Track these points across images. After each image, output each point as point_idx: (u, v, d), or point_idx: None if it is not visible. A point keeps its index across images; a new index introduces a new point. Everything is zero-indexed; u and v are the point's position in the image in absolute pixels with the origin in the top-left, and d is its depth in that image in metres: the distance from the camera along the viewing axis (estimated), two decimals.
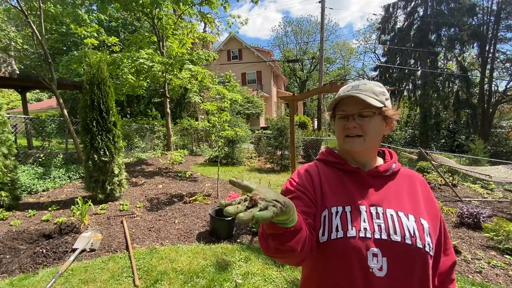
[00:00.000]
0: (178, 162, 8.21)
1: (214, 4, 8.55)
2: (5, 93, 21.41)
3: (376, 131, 0.81)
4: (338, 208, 0.78)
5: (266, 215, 0.45)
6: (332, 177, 0.86)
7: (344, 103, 0.83)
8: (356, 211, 0.76)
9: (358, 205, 0.77)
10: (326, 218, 0.77)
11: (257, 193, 0.51)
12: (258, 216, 0.44)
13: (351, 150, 0.83)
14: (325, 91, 3.53)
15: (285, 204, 0.51)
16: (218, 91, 8.87)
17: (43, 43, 6.10)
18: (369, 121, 0.79)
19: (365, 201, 0.78)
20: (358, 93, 0.78)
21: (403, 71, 21.46)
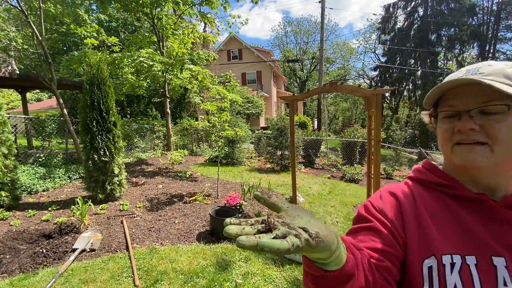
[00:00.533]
0: (178, 162, 8.21)
1: (214, 4, 8.55)
2: (5, 93, 21.41)
3: (511, 135, 0.51)
4: (453, 257, 0.52)
5: (277, 246, 0.34)
6: (436, 206, 0.60)
7: (454, 95, 0.56)
8: (488, 266, 0.50)
9: (490, 255, 0.51)
10: (435, 271, 0.52)
11: (284, 215, 0.42)
12: (263, 245, 0.33)
13: (467, 165, 0.55)
14: (325, 91, 3.53)
15: (317, 236, 0.38)
16: (218, 91, 8.87)
17: (43, 43, 6.10)
18: (499, 120, 0.51)
19: (502, 248, 0.51)
20: (481, 78, 0.51)
21: (403, 71, 21.48)
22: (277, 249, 0.34)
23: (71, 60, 7.17)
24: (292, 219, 0.41)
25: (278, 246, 0.34)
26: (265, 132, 13.18)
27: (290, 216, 0.42)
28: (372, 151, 3.54)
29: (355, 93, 3.53)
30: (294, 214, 0.42)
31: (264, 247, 0.33)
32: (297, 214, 0.42)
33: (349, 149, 9.90)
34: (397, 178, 8.07)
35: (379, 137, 3.29)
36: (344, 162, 9.95)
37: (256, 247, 0.34)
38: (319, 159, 10.64)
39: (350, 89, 3.45)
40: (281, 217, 0.42)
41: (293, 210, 0.43)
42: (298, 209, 0.44)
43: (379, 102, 3.23)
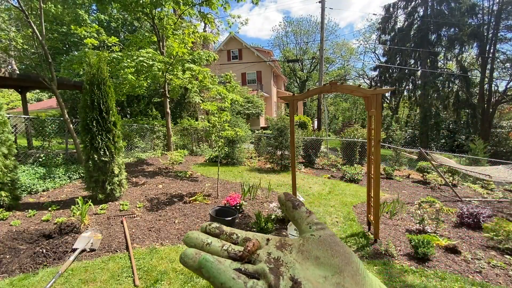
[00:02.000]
0: (178, 162, 8.21)
1: (215, 4, 8.55)
2: (5, 93, 21.41)
3: None
4: None
5: (221, 277, 0.26)
6: None
7: None
8: None
9: None
10: None
11: (290, 247, 0.31)
12: (203, 265, 0.27)
13: None
14: (325, 91, 3.53)
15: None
16: (219, 91, 8.87)
17: (43, 43, 6.10)
18: None
19: None
20: None
21: (403, 71, 21.47)
22: (220, 283, 0.26)
23: (71, 60, 7.17)
24: (295, 260, 0.29)
25: (222, 278, 0.26)
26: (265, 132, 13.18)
27: (299, 253, 0.30)
28: (372, 151, 3.54)
29: (355, 93, 3.53)
30: (309, 255, 0.29)
31: (203, 267, 0.27)
32: (315, 256, 0.29)
33: (349, 149, 9.90)
34: (397, 178, 8.06)
35: (379, 137, 3.29)
36: (344, 162, 9.95)
37: (194, 265, 0.28)
38: (319, 159, 10.64)
39: (350, 89, 3.45)
40: (282, 248, 0.31)
41: (315, 246, 0.30)
42: (323, 248, 0.29)
43: (379, 102, 3.23)
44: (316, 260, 0.29)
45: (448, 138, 20.16)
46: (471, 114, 19.14)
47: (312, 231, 0.32)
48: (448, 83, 19.94)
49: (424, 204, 4.59)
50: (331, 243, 0.30)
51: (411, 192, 6.58)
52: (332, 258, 0.28)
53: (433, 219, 4.08)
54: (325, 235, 0.31)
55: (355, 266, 0.27)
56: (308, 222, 0.33)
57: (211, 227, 0.35)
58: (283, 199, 0.36)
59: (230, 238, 0.34)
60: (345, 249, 0.29)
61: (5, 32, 6.65)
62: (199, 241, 0.32)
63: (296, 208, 0.35)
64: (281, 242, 0.32)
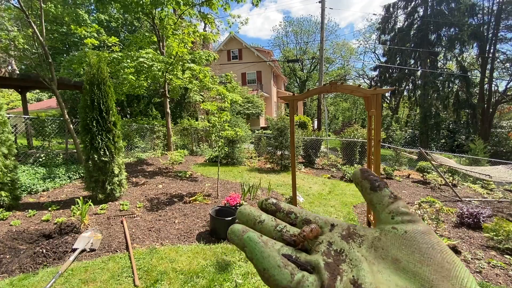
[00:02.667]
0: (178, 162, 8.20)
1: (215, 5, 8.55)
2: (5, 93, 21.41)
3: None
4: None
5: (265, 262, 0.23)
6: None
7: None
8: None
9: None
10: None
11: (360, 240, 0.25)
12: (246, 243, 0.25)
13: None
14: (325, 91, 3.53)
15: None
16: (219, 91, 8.87)
17: (43, 43, 6.11)
18: None
19: None
20: None
21: (403, 71, 21.47)
22: (263, 268, 0.23)
23: (71, 60, 7.17)
24: (364, 257, 0.23)
25: (265, 264, 0.23)
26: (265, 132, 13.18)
27: (372, 249, 0.24)
28: (372, 151, 3.54)
29: (355, 93, 3.53)
30: (386, 254, 0.23)
31: (246, 247, 0.24)
32: (394, 257, 0.23)
33: (349, 149, 9.90)
34: (397, 178, 8.06)
35: (379, 137, 3.29)
36: (344, 162, 9.95)
37: (239, 243, 0.25)
38: (319, 159, 10.64)
39: (350, 89, 3.45)
40: (349, 238, 0.25)
41: (396, 244, 0.23)
42: (409, 249, 0.22)
43: (379, 102, 3.23)
44: (394, 263, 0.22)
45: (448, 138, 20.17)
46: (471, 114, 19.15)
47: (396, 222, 0.24)
48: (448, 83, 19.95)
49: (424, 204, 4.59)
50: (423, 243, 0.22)
51: (411, 192, 6.59)
52: (420, 265, 0.21)
53: (433, 219, 4.08)
54: (414, 231, 0.23)
55: (457, 283, 0.19)
56: (391, 211, 0.25)
57: (267, 202, 0.31)
58: (358, 176, 0.28)
59: (288, 217, 0.29)
60: (444, 256, 0.21)
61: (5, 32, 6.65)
62: (251, 217, 0.28)
63: (376, 189, 0.27)
64: (349, 231, 0.26)
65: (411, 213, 0.25)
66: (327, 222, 0.28)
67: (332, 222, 0.28)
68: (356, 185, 0.29)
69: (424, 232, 0.23)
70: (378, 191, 0.27)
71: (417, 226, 0.24)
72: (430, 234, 0.23)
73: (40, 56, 6.45)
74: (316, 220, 0.29)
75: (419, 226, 0.24)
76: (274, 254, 0.23)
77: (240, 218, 0.29)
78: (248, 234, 0.25)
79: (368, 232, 0.26)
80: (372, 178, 0.27)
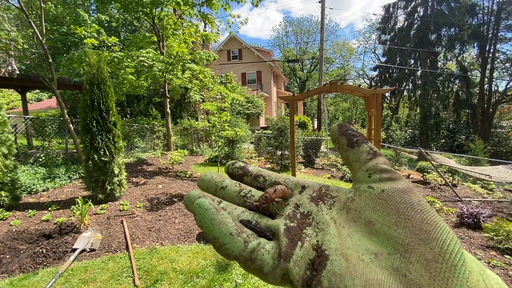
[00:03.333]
0: (178, 162, 8.20)
1: (215, 5, 8.56)
2: (5, 93, 21.41)
3: None
4: None
5: (216, 230, 0.21)
6: None
7: None
8: None
9: None
10: None
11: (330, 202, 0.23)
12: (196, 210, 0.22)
13: None
14: (325, 91, 3.53)
15: None
16: (220, 91, 8.87)
17: (43, 43, 6.10)
18: None
19: None
20: None
21: (403, 71, 21.48)
22: (213, 237, 0.21)
23: (71, 60, 7.17)
24: (333, 220, 0.21)
25: (216, 232, 0.20)
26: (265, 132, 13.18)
27: (343, 211, 0.22)
28: None
29: (355, 93, 3.53)
30: (358, 216, 0.21)
31: (196, 214, 0.22)
32: (367, 218, 0.20)
33: None
34: None
35: (379, 137, 3.29)
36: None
37: (192, 208, 0.23)
38: (319, 159, 10.64)
39: (350, 89, 3.46)
40: (319, 200, 0.23)
41: (370, 205, 0.21)
42: (384, 209, 0.20)
43: (379, 102, 3.23)
44: (367, 225, 0.20)
45: (448, 138, 20.17)
46: (471, 114, 19.16)
47: (372, 181, 0.22)
48: (448, 83, 19.96)
49: None
50: (401, 203, 0.19)
51: None
52: (395, 227, 0.18)
53: None
54: (392, 190, 0.20)
55: (437, 246, 0.17)
56: (369, 168, 0.22)
57: (234, 166, 0.28)
58: (336, 132, 0.25)
59: (255, 181, 0.27)
60: (424, 216, 0.18)
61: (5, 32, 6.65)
62: (212, 183, 0.26)
63: (353, 145, 0.24)
64: (320, 192, 0.24)
65: (390, 170, 0.22)
66: (297, 184, 0.25)
67: (303, 184, 0.25)
68: (333, 142, 0.26)
69: (404, 190, 0.20)
70: (356, 147, 0.24)
71: (396, 184, 0.21)
72: (410, 193, 0.20)
73: (40, 56, 6.45)
74: (286, 182, 0.26)
75: (398, 184, 0.21)
76: (226, 220, 0.21)
77: (200, 185, 0.27)
78: (198, 201, 0.22)
79: (341, 193, 0.23)
80: (350, 133, 0.24)
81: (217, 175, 0.28)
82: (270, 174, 0.27)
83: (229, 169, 0.29)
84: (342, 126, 0.25)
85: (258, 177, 0.27)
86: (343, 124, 0.26)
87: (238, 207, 0.24)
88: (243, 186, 0.27)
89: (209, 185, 0.27)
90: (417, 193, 0.20)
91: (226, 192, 0.26)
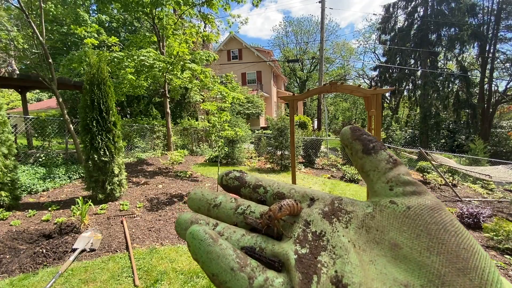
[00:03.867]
0: (178, 162, 8.20)
1: (215, 5, 8.56)
2: (5, 93, 21.41)
3: None
4: None
5: (211, 257, 0.18)
6: None
7: None
8: None
9: None
10: None
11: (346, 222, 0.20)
12: (190, 235, 0.19)
13: None
14: (325, 91, 3.53)
15: None
16: (220, 90, 8.86)
17: (43, 43, 6.10)
18: None
19: None
20: None
21: (403, 71, 21.48)
22: (211, 274, 0.17)
23: (71, 60, 7.17)
24: (351, 243, 0.18)
25: (214, 268, 0.17)
26: (265, 132, 13.19)
27: (362, 230, 0.19)
28: None
29: (355, 93, 3.53)
30: (381, 237, 0.18)
31: (189, 246, 0.18)
32: (392, 241, 0.17)
33: None
34: None
35: (379, 137, 3.29)
36: (344, 162, 9.95)
37: (184, 233, 0.20)
38: (319, 159, 10.64)
39: (350, 89, 3.45)
40: (332, 216, 0.20)
41: (395, 224, 0.18)
42: (412, 230, 0.17)
43: (379, 102, 3.23)
44: (393, 249, 0.17)
45: (448, 138, 20.17)
46: (471, 114, 19.16)
47: (395, 195, 0.19)
48: (448, 83, 19.97)
49: None
50: (431, 224, 0.17)
51: None
52: (428, 253, 0.16)
53: None
54: (420, 207, 0.18)
55: (477, 277, 0.14)
56: (389, 179, 0.20)
57: (228, 177, 0.25)
58: (348, 137, 0.22)
59: (255, 193, 0.24)
60: (460, 240, 0.16)
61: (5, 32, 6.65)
62: (204, 202, 0.23)
63: (370, 152, 0.21)
64: (332, 206, 0.20)
65: (415, 182, 0.19)
66: (305, 196, 0.22)
67: (312, 195, 0.22)
68: (345, 147, 0.23)
69: (434, 207, 0.18)
70: (373, 154, 0.21)
71: (423, 199, 0.18)
72: (441, 210, 0.17)
73: (40, 56, 6.45)
74: (291, 193, 0.23)
75: (426, 200, 0.18)
76: (226, 252, 0.18)
77: (191, 205, 0.24)
78: (190, 230, 0.18)
79: (357, 208, 0.20)
80: (366, 138, 0.22)
81: (208, 192, 0.25)
82: (271, 183, 0.24)
83: (223, 181, 0.26)
84: (356, 130, 0.23)
85: (257, 187, 0.24)
86: (356, 127, 0.23)
87: (237, 230, 0.21)
88: (240, 201, 0.23)
89: (201, 204, 0.24)
90: (447, 210, 0.18)
91: (220, 210, 0.23)
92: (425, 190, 0.19)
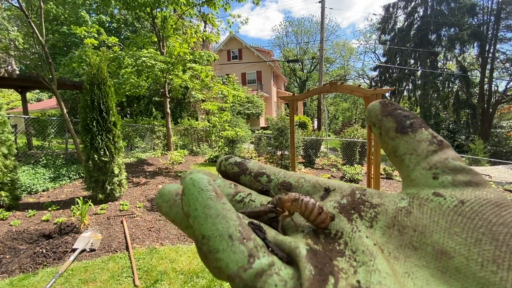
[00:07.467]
0: (178, 162, 8.20)
1: (216, 5, 8.56)
2: (5, 93, 21.41)
3: None
4: None
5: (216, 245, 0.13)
6: None
7: None
8: None
9: None
10: None
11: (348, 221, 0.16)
12: (194, 218, 0.14)
13: None
14: (325, 91, 3.53)
15: None
16: (221, 90, 8.86)
17: (43, 43, 6.11)
18: None
19: None
20: None
21: (403, 71, 21.49)
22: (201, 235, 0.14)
23: (71, 59, 7.17)
24: (378, 247, 0.14)
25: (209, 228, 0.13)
26: (265, 132, 13.18)
27: (392, 230, 0.14)
28: (372, 151, 3.54)
29: (355, 93, 3.53)
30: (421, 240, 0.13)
31: (185, 194, 0.15)
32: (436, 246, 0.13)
33: (349, 149, 9.90)
34: (397, 178, 8.06)
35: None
36: (344, 162, 9.95)
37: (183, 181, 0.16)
38: (319, 159, 10.64)
39: (350, 89, 3.45)
40: (353, 211, 0.16)
41: (442, 223, 0.13)
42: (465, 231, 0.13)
43: None
44: (439, 258, 0.12)
45: (448, 138, 20.17)
46: (471, 114, 19.17)
47: (441, 185, 0.14)
48: (448, 83, 19.98)
49: None
50: (496, 224, 0.12)
51: None
52: (493, 266, 0.11)
53: None
54: (479, 202, 0.13)
55: None
56: (434, 165, 0.15)
57: (227, 162, 0.22)
58: (377, 113, 0.18)
59: (257, 182, 0.21)
60: None
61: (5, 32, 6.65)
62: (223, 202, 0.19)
63: (406, 131, 0.16)
64: (353, 198, 0.16)
65: (470, 169, 0.15)
66: (317, 186, 0.18)
67: (327, 185, 0.18)
68: (373, 126, 0.19)
69: (498, 203, 0.13)
70: (410, 133, 0.16)
71: (482, 192, 0.14)
72: (508, 207, 0.13)
73: (40, 56, 6.45)
74: (300, 183, 0.19)
75: (487, 193, 0.14)
76: (228, 214, 0.14)
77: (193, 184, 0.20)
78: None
79: (387, 201, 0.15)
80: (401, 113, 0.17)
81: (206, 174, 0.21)
82: (277, 171, 0.21)
83: (221, 167, 0.23)
84: (388, 104, 0.18)
85: (260, 175, 0.20)
86: (388, 101, 0.19)
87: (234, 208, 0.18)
88: (240, 187, 0.20)
89: None
90: None
91: None
92: (485, 181, 0.14)
